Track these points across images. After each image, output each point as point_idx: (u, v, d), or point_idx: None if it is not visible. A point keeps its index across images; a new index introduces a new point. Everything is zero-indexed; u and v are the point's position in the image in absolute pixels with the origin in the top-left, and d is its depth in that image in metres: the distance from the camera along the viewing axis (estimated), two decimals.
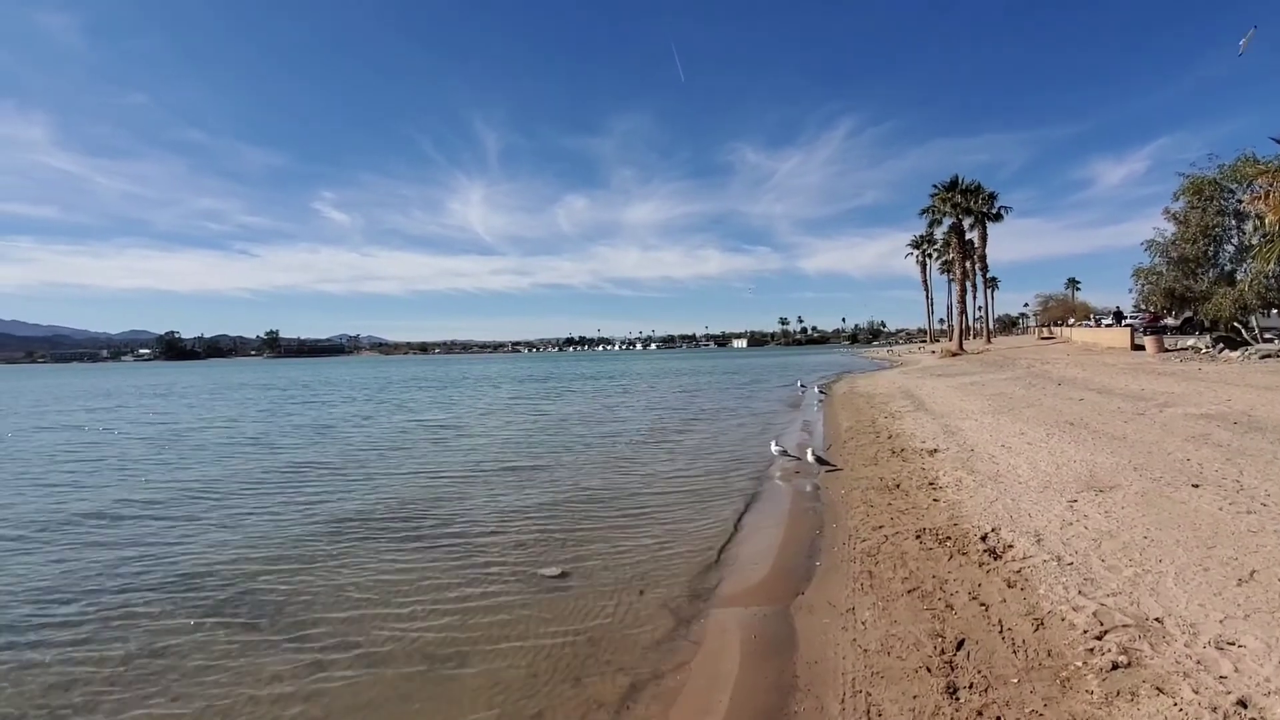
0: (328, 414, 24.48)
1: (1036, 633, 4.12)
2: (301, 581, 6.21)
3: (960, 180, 50.87)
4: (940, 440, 10.97)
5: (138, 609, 5.67)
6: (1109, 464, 7.97)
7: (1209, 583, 4.41)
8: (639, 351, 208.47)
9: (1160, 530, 5.50)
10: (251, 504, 9.52)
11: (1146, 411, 11.60)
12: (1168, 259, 28.09)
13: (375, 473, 11.83)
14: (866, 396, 20.81)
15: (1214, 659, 3.49)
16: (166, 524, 8.50)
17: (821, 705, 3.79)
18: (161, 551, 7.29)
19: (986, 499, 7.12)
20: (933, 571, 5.38)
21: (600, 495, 9.45)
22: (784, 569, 6.16)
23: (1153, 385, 15.49)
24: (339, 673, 4.51)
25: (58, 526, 8.50)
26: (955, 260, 54.35)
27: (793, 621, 4.99)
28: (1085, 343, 39.27)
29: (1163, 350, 26.76)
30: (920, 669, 3.92)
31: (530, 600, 5.66)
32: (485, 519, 8.31)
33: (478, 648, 4.82)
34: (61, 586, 6.26)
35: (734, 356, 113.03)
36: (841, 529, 7.08)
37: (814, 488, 9.23)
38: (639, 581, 6.02)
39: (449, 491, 10.03)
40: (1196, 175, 26.25)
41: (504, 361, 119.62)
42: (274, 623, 5.32)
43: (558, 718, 3.93)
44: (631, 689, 4.22)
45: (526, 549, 7.04)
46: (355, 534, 7.78)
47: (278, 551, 7.16)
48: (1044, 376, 20.73)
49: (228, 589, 6.09)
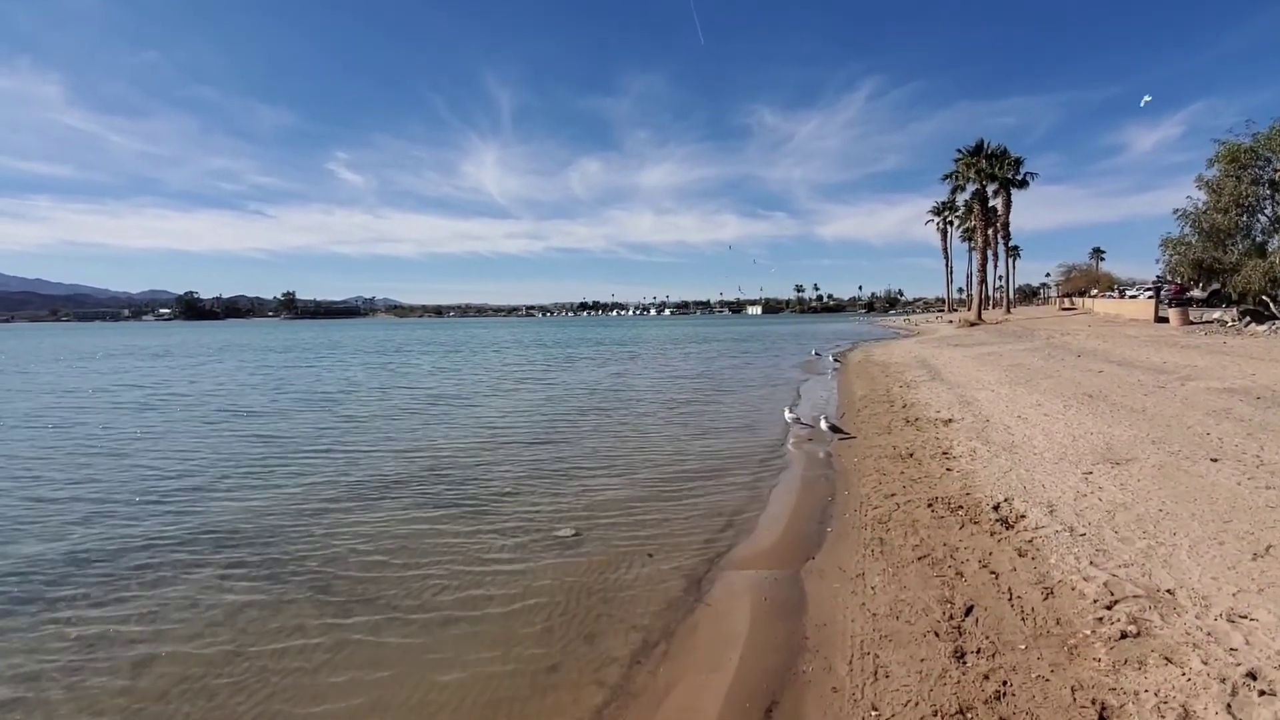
0: (346, 377, 24.79)
1: (1046, 601, 4.15)
2: (322, 540, 6.38)
3: (986, 145, 49.56)
4: (955, 410, 10.92)
5: (165, 563, 5.88)
6: (1127, 437, 7.90)
7: (1223, 556, 4.40)
8: (653, 317, 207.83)
9: (1176, 504, 5.47)
10: (276, 465, 9.74)
11: (1167, 385, 11.44)
12: (1198, 229, 27.27)
13: (389, 438, 12.02)
14: (882, 365, 20.68)
15: (1225, 631, 3.50)
16: (199, 483, 8.73)
17: (830, 665, 3.87)
18: (190, 510, 7.51)
19: (1000, 469, 7.10)
20: (944, 539, 5.41)
21: (613, 461, 9.55)
22: (795, 534, 6.23)
23: (1175, 358, 15.24)
24: (360, 625, 4.66)
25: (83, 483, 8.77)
26: (977, 228, 53.29)
27: (803, 585, 5.06)
28: (1107, 314, 38.59)
29: (1187, 323, 26.23)
30: (928, 633, 3.98)
31: (544, 560, 5.78)
32: (500, 482, 8.44)
33: (494, 604, 4.95)
34: (91, 542, 6.49)
35: (749, 324, 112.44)
36: (853, 496, 7.12)
37: (826, 455, 9.25)
38: (650, 544, 6.11)
39: (464, 456, 10.19)
40: (1233, 142, 25.27)
41: (517, 326, 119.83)
42: (296, 576, 5.49)
43: (572, 672, 4.04)
44: (643, 646, 4.32)
45: (541, 511, 7.16)
46: (373, 495, 7.95)
47: (299, 511, 7.35)
48: (1063, 348, 20.44)
49: (251, 545, 6.28)
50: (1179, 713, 2.93)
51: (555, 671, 4.04)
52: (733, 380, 20.86)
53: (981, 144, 49.59)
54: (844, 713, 3.40)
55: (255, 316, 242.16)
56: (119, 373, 26.77)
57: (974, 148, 49.61)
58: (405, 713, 3.69)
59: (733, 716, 3.55)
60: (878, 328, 63.76)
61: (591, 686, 3.88)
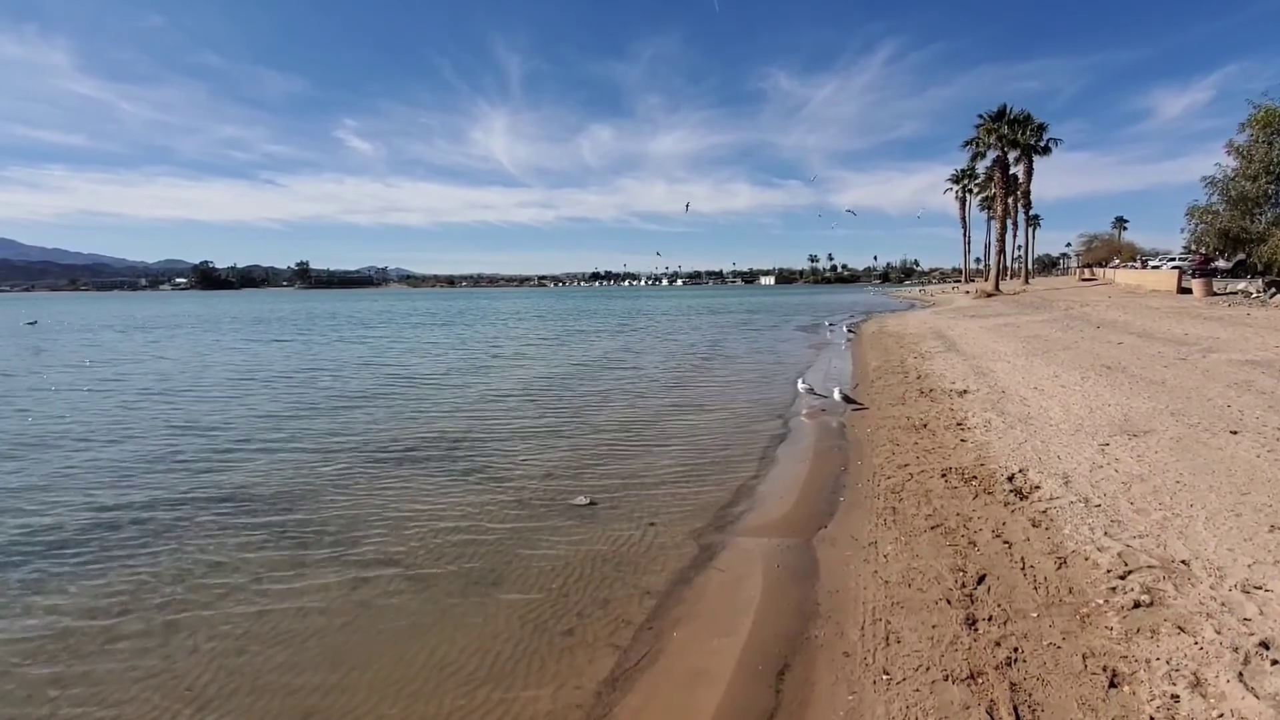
0: (368, 349, 25.02)
1: (1059, 571, 4.17)
2: (343, 506, 6.52)
3: (1008, 110, 48.14)
4: (970, 381, 10.84)
5: (190, 527, 6.04)
6: (1145, 409, 7.82)
7: (1240, 528, 4.38)
8: (665, 288, 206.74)
9: (1194, 476, 5.44)
10: (297, 432, 9.90)
11: (1189, 357, 11.27)
12: (1226, 197, 26.49)
13: (410, 406, 12.16)
14: (896, 336, 20.52)
15: (1239, 602, 3.50)
16: (221, 449, 8.91)
17: (841, 631, 3.93)
18: (212, 474, 7.69)
19: (1015, 440, 7.07)
20: (957, 509, 5.43)
21: (628, 430, 9.62)
22: (807, 503, 6.27)
23: (1197, 330, 14.97)
24: (382, 588, 4.78)
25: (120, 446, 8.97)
26: (997, 196, 52.09)
27: (815, 553, 5.11)
28: (1129, 285, 37.86)
29: (1211, 294, 25.70)
30: (940, 601, 4.02)
31: (560, 527, 5.87)
32: (516, 451, 8.54)
33: (511, 569, 5.05)
34: (121, 505, 6.67)
35: (761, 294, 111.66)
36: (866, 466, 7.13)
37: (839, 426, 9.25)
38: (665, 511, 6.18)
39: (482, 425, 10.30)
40: (1270, 105, 24.37)
41: (529, 297, 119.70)
42: (320, 541, 5.63)
43: (587, 635, 4.13)
44: (657, 610, 4.40)
45: (556, 479, 7.25)
46: (392, 462, 8.08)
47: (321, 477, 7.49)
48: (1082, 319, 20.15)
49: (277, 511, 6.42)
50: (1190, 680, 2.95)
51: (571, 635, 4.14)
52: (745, 351, 20.82)
53: (1004, 109, 48.17)
54: (855, 676, 3.46)
55: (270, 286, 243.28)
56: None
57: (996, 113, 48.20)
58: (427, 671, 3.80)
59: (745, 679, 3.62)
60: (892, 299, 63.11)
61: (607, 649, 3.97)
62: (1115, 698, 2.98)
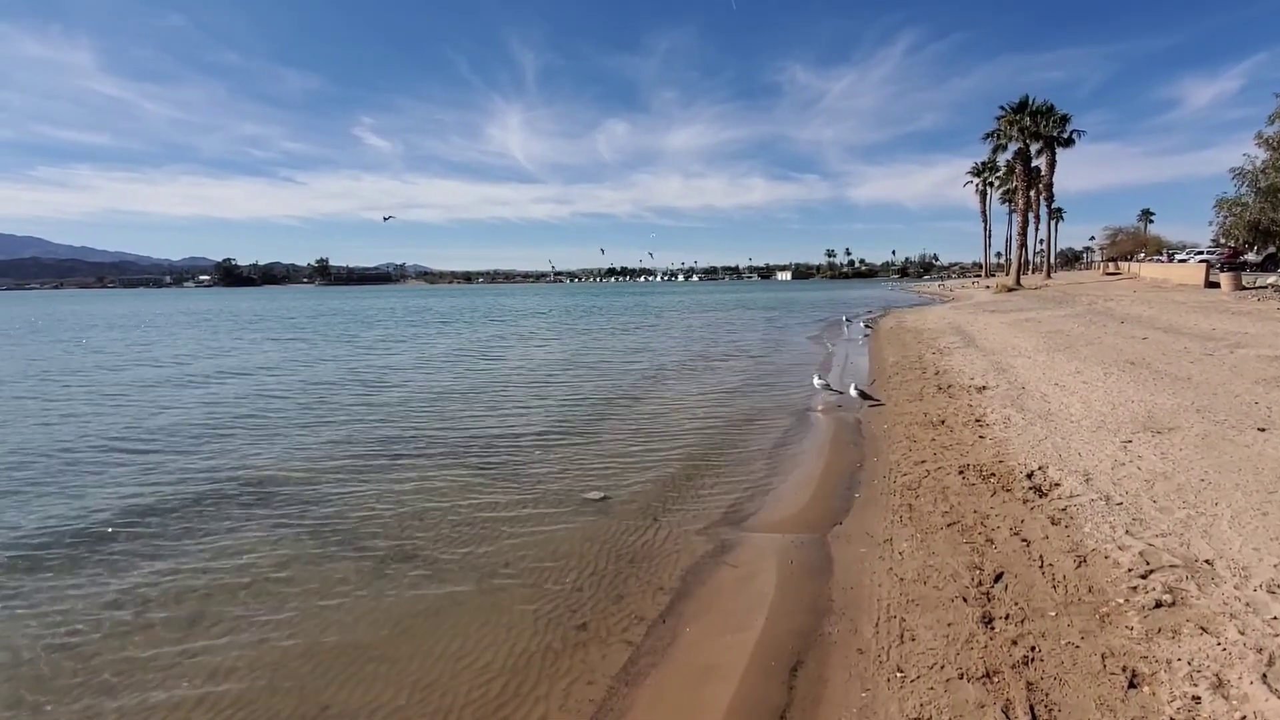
0: (391, 347, 25.28)
1: (1079, 569, 4.11)
2: (360, 499, 6.59)
3: (1031, 101, 47.32)
4: (990, 377, 10.70)
5: (209, 520, 6.15)
6: (1170, 405, 7.67)
7: (1266, 527, 4.29)
8: (681, 283, 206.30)
9: (1219, 474, 5.33)
10: (317, 423, 10.04)
11: (1215, 352, 11.03)
12: (1255, 189, 25.86)
13: (426, 401, 12.28)
14: (914, 332, 20.30)
15: (1264, 602, 3.43)
16: (233, 441, 9.06)
17: (856, 628, 3.91)
18: (228, 466, 7.82)
19: (1035, 437, 6.98)
20: (974, 507, 5.37)
21: (642, 426, 9.63)
22: (822, 499, 6.24)
23: (1225, 324, 14.65)
24: (399, 579, 4.84)
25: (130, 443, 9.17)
26: (1018, 189, 51.29)
27: (829, 549, 5.09)
28: (1154, 279, 37.15)
29: (1240, 288, 25.13)
30: (956, 599, 3.98)
31: (574, 521, 5.90)
32: (530, 445, 8.59)
33: (525, 563, 5.09)
34: (139, 498, 6.82)
35: (778, 289, 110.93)
36: (882, 463, 7.08)
37: (856, 421, 9.19)
38: (678, 506, 6.19)
39: (496, 420, 10.36)
40: None
41: (548, 294, 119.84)
42: (336, 533, 5.71)
43: (600, 629, 4.16)
44: (671, 605, 4.41)
45: (569, 473, 7.28)
46: (408, 456, 8.16)
47: (338, 470, 7.59)
48: (1106, 314, 19.79)
49: (293, 503, 6.52)
50: (1212, 681, 2.90)
51: (584, 629, 4.16)
52: (761, 346, 20.73)
53: (1026, 100, 47.37)
54: (869, 674, 3.44)
55: (290, 283, 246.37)
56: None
57: (1018, 104, 47.42)
58: (443, 662, 3.85)
59: (758, 675, 3.62)
60: (911, 294, 62.40)
61: (620, 644, 3.99)
62: (1135, 698, 2.93)
